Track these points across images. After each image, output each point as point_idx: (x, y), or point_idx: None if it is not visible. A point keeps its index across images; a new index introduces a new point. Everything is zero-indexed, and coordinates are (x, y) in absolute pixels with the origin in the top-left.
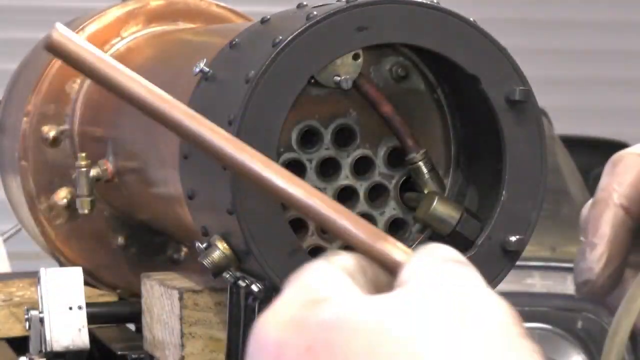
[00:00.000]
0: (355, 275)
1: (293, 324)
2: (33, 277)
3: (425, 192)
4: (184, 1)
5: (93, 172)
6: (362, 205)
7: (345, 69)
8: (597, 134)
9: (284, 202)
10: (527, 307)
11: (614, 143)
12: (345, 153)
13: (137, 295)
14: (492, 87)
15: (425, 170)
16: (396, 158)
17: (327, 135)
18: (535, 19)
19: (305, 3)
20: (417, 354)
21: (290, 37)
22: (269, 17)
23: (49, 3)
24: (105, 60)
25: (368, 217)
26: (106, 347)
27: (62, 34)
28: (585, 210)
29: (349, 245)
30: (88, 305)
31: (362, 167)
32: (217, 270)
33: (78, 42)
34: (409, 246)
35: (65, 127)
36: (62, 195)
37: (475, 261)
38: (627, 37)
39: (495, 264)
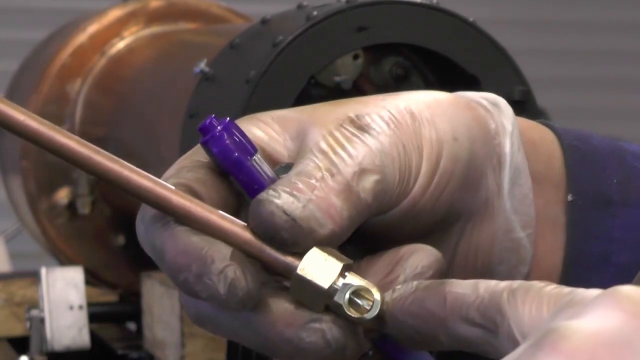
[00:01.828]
0: None
1: None
2: (34, 276)
3: None
4: (184, 2)
5: None
6: None
7: (345, 69)
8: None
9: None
10: None
11: None
12: None
13: (138, 294)
14: (492, 87)
15: None
16: None
17: None
18: (535, 19)
19: (305, 3)
20: None
21: (291, 37)
22: (269, 17)
23: (49, 4)
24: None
25: None
26: (107, 347)
27: None
28: None
29: None
30: (89, 304)
31: None
32: None
33: None
34: None
35: (66, 127)
36: (62, 195)
37: None
38: (627, 37)
39: None
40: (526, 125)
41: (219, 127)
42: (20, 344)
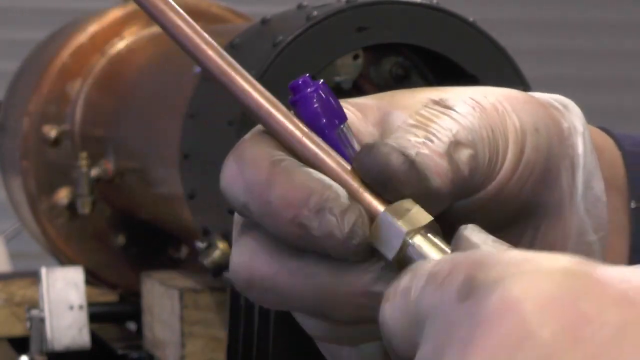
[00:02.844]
0: None
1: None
2: (34, 276)
3: None
4: (184, 2)
5: (94, 172)
6: None
7: (345, 69)
8: None
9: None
10: None
11: None
12: None
13: (138, 294)
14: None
15: None
16: None
17: None
18: (535, 19)
19: (305, 3)
20: None
21: (291, 37)
22: (269, 17)
23: (49, 4)
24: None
25: None
26: (107, 347)
27: None
28: None
29: None
30: (89, 304)
31: None
32: (217, 269)
33: None
34: None
35: (66, 127)
36: (62, 195)
37: None
38: (627, 37)
39: None
40: (590, 129)
41: (310, 89)
42: (21, 344)
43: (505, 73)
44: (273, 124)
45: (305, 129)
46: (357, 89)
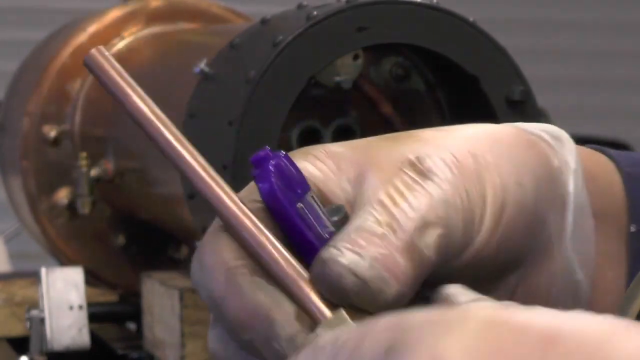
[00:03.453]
0: None
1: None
2: (34, 276)
3: None
4: (183, 1)
5: (94, 172)
6: None
7: (345, 69)
8: (597, 134)
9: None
10: None
11: (614, 143)
12: None
13: (138, 294)
14: (492, 87)
15: None
16: None
17: (327, 135)
18: (536, 19)
19: (305, 3)
20: None
21: (291, 37)
22: (269, 17)
23: (49, 4)
24: (133, 89)
25: None
26: (107, 347)
27: (102, 53)
28: None
29: None
30: (89, 304)
31: None
32: None
33: (113, 65)
34: None
35: (66, 127)
36: (62, 195)
37: None
38: (627, 37)
39: None
40: (584, 155)
41: (270, 162)
42: (20, 344)
43: (505, 73)
44: (229, 223)
45: (260, 226)
46: (357, 89)
